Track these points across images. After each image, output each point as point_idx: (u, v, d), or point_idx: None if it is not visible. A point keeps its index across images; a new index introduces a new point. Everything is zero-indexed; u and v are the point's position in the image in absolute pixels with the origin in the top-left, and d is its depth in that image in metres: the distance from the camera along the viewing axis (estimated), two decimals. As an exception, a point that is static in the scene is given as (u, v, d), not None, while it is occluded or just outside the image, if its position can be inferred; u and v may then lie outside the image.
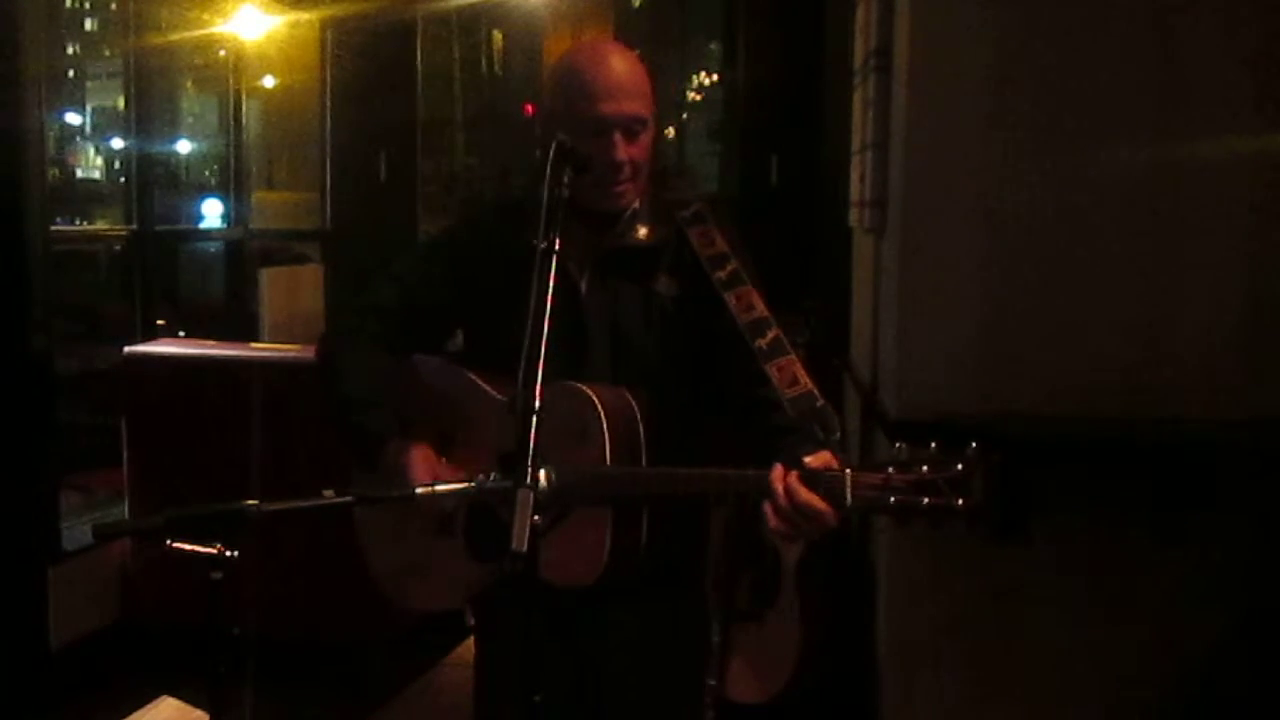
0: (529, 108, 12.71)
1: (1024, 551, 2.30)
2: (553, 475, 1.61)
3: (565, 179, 1.73)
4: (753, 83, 5.48)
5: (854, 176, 3.22)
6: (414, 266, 2.11)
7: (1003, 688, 2.45)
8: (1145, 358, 2.34)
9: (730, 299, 1.85)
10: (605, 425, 1.79)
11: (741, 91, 5.58)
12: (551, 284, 1.63)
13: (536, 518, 1.46)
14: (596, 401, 1.80)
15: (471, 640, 2.21)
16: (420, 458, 1.92)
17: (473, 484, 1.75)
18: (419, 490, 1.73)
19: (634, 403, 1.84)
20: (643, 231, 1.95)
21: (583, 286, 1.95)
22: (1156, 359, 2.34)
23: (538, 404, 1.54)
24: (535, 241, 1.65)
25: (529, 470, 1.49)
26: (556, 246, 1.65)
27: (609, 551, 1.80)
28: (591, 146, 1.83)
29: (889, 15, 2.63)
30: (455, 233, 2.20)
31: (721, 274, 1.88)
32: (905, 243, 2.44)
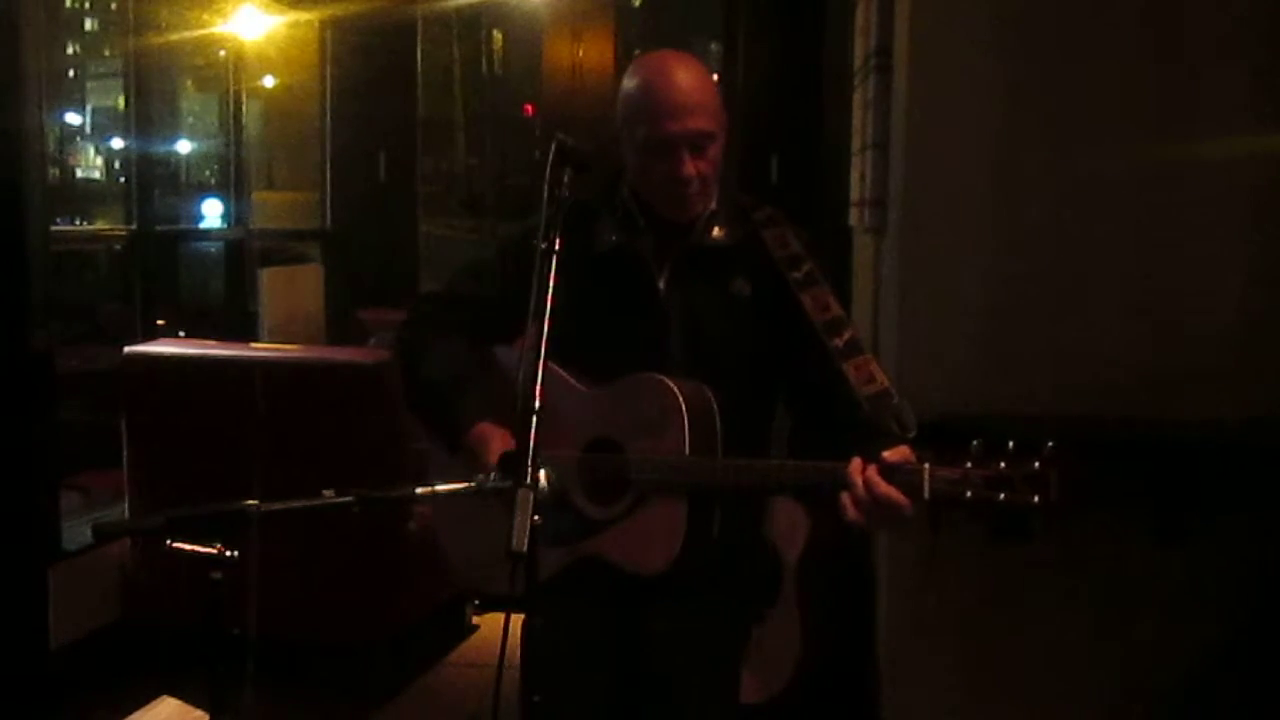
0: (529, 108, 12.71)
1: (1024, 551, 2.30)
2: (553, 475, 1.62)
3: (565, 179, 1.75)
4: (753, 83, 5.47)
5: (854, 176, 3.22)
6: (491, 261, 2.17)
7: (1003, 687, 2.45)
8: (1145, 357, 2.34)
9: (806, 299, 1.91)
10: (685, 416, 1.83)
11: (741, 91, 5.57)
12: (552, 284, 1.64)
13: (537, 517, 1.47)
14: (677, 393, 1.85)
15: (472, 640, 2.21)
16: (499, 441, 1.95)
17: (473, 484, 1.76)
18: (419, 490, 1.74)
19: (712, 397, 1.89)
20: (718, 232, 2.00)
21: (661, 285, 1.99)
22: (1157, 359, 2.34)
23: (538, 404, 1.55)
24: (536, 242, 1.66)
25: (529, 470, 1.49)
26: (557, 247, 1.66)
27: (684, 539, 1.84)
28: (658, 161, 1.89)
29: (889, 15, 2.63)
30: (532, 229, 2.23)
31: (797, 274, 1.94)
32: (905, 243, 2.44)
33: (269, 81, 6.70)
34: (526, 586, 1.53)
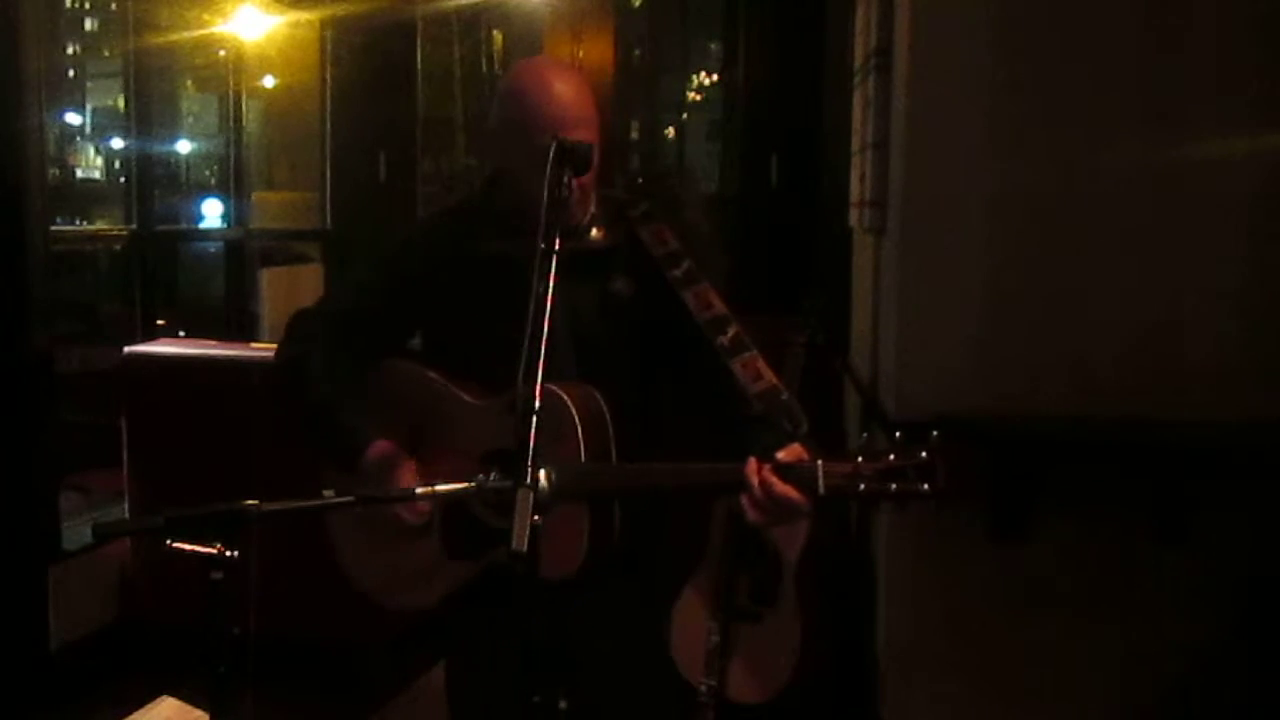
0: (529, 108, 12.66)
1: (1024, 552, 2.30)
2: (553, 475, 1.62)
3: (565, 179, 1.75)
4: (753, 83, 5.47)
5: (854, 176, 3.22)
6: (373, 272, 2.16)
7: (1003, 688, 2.45)
8: (1145, 358, 2.34)
9: (688, 297, 1.90)
10: (578, 423, 1.82)
11: (741, 91, 5.58)
12: (552, 284, 1.64)
13: (537, 517, 1.47)
14: (567, 400, 1.83)
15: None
16: (402, 462, 1.97)
17: (473, 484, 1.76)
18: (419, 490, 1.73)
19: (602, 401, 1.88)
20: (595, 234, 2.00)
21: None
22: (1157, 359, 2.34)
23: (538, 404, 1.55)
24: (537, 241, 1.67)
25: (529, 470, 1.49)
26: (557, 247, 1.66)
27: (587, 544, 1.84)
28: (539, 171, 1.82)
29: (889, 15, 2.63)
30: (411, 238, 2.25)
31: (677, 272, 1.92)
32: (905, 243, 2.44)
33: (269, 81, 6.69)
34: (525, 587, 1.53)
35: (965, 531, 2.30)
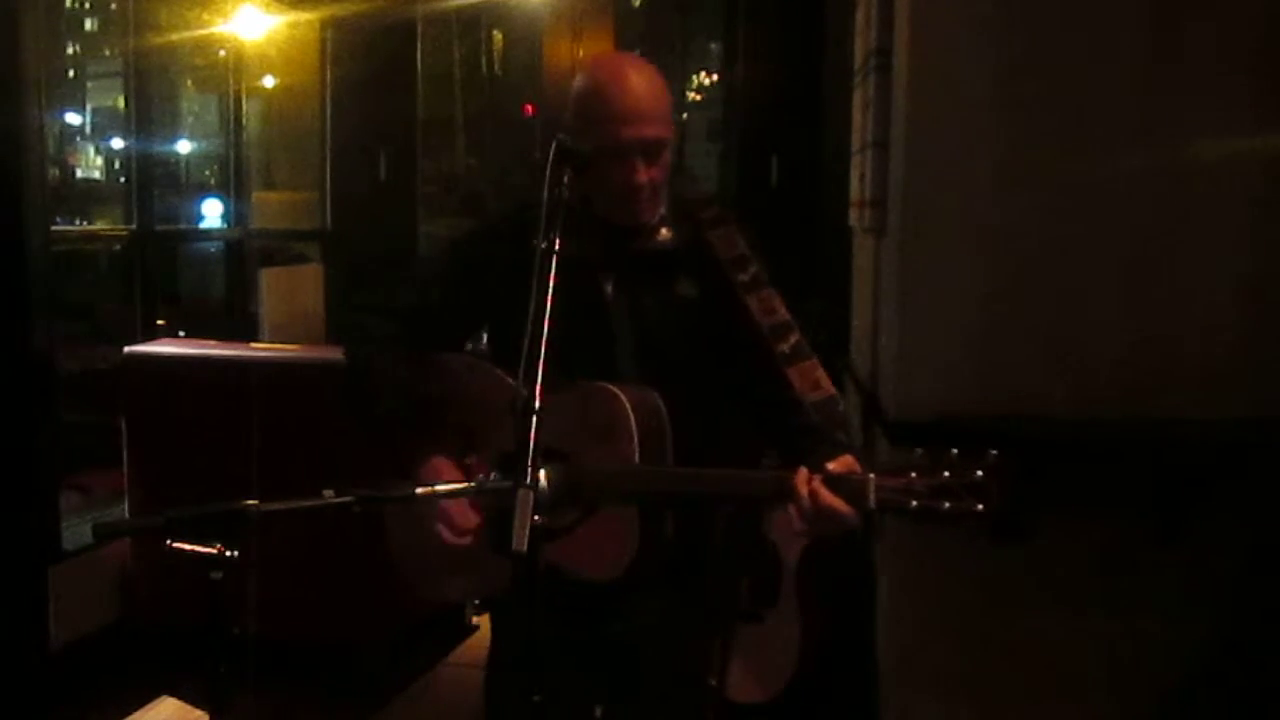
0: (529, 108, 12.70)
1: (1024, 551, 2.30)
2: (553, 475, 1.62)
3: (565, 179, 1.74)
4: (753, 83, 5.46)
5: (854, 176, 3.22)
6: (436, 268, 2.17)
7: (1003, 688, 2.45)
8: (1145, 357, 2.34)
9: (753, 302, 1.89)
10: (634, 424, 1.82)
11: (741, 91, 5.57)
12: (552, 283, 1.64)
13: (537, 518, 1.47)
14: (625, 401, 1.83)
15: (472, 640, 2.22)
16: (449, 475, 1.94)
17: (473, 484, 1.76)
18: (419, 490, 1.73)
19: (661, 403, 1.87)
20: (664, 234, 1.98)
21: (608, 290, 1.98)
22: (1156, 359, 2.34)
23: (538, 404, 1.54)
24: (536, 242, 1.66)
25: (529, 470, 1.49)
26: (557, 246, 1.66)
27: (637, 546, 1.83)
28: (612, 167, 1.86)
29: (889, 15, 2.63)
30: (477, 233, 2.24)
31: (744, 277, 1.91)
32: (905, 243, 2.44)
33: (269, 81, 6.68)
34: (524, 587, 1.53)
35: (965, 532, 2.30)
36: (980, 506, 1.58)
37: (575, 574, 1.83)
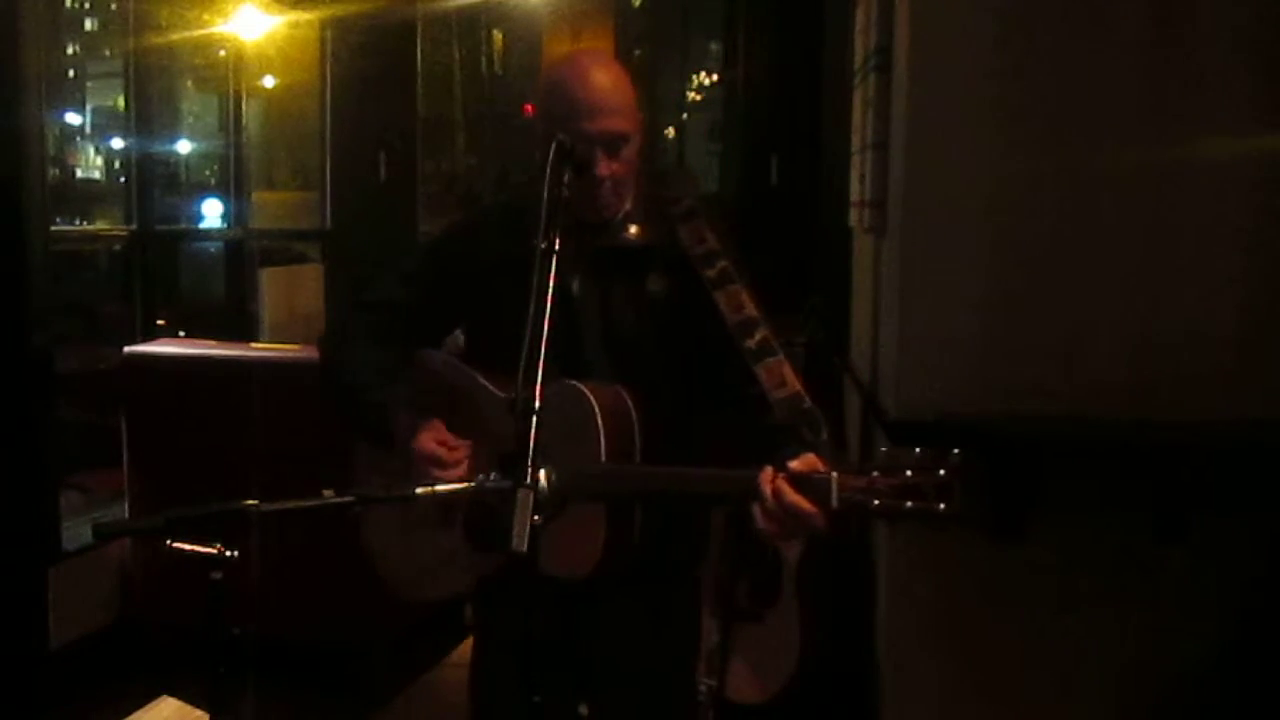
0: (529, 108, 12.70)
1: (1023, 551, 2.30)
2: (553, 475, 1.62)
3: (565, 179, 1.75)
4: (753, 83, 5.48)
5: (854, 176, 3.22)
6: (415, 264, 2.15)
7: (1003, 688, 2.45)
8: (1145, 357, 2.34)
9: (720, 298, 1.88)
10: (600, 423, 1.81)
11: (741, 91, 5.58)
12: (551, 283, 1.64)
13: (537, 517, 1.47)
14: (591, 399, 1.83)
15: (471, 640, 2.22)
16: (431, 427, 1.94)
17: (473, 483, 1.76)
18: (419, 490, 1.73)
19: (629, 400, 1.87)
20: (633, 230, 1.98)
21: (575, 287, 1.97)
22: (1156, 359, 2.34)
23: (538, 404, 1.54)
24: (536, 241, 1.66)
25: (529, 470, 1.49)
26: (556, 246, 1.66)
27: (604, 545, 1.83)
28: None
29: (889, 15, 2.63)
30: (456, 231, 2.24)
31: (711, 272, 1.91)
32: (905, 243, 2.44)
33: (269, 81, 6.69)
34: (523, 587, 1.53)
35: (965, 531, 2.30)
36: (942, 506, 1.57)
37: (543, 571, 1.80)
